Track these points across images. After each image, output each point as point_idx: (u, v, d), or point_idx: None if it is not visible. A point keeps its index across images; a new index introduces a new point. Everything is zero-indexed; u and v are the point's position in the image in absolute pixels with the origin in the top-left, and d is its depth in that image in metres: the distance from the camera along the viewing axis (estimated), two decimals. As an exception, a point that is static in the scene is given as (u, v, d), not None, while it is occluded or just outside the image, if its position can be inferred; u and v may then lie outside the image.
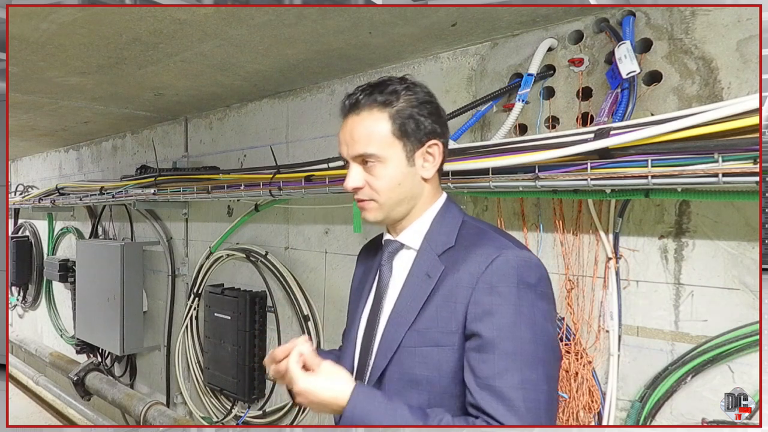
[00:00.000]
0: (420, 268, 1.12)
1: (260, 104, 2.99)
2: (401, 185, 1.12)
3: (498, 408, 0.96)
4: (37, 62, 2.29)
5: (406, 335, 1.08)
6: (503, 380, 0.97)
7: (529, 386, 0.97)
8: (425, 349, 1.06)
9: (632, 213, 1.68)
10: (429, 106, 1.13)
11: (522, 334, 0.99)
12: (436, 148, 1.14)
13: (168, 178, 3.17)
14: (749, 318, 1.48)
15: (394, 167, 1.11)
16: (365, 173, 1.13)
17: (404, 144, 1.11)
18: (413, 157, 1.12)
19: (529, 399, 0.96)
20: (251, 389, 2.94)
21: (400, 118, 1.10)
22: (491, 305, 1.01)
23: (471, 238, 1.11)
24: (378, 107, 1.11)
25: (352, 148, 1.12)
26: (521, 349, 0.98)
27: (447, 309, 1.05)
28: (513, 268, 1.03)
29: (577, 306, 1.78)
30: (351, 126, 1.13)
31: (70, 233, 4.97)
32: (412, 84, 1.14)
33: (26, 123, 3.73)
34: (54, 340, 5.30)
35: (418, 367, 1.07)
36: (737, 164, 1.24)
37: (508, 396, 0.96)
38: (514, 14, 1.77)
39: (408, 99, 1.11)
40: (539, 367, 0.99)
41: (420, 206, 1.17)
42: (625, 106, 1.57)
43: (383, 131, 1.10)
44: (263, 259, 2.92)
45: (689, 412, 1.58)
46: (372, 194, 1.13)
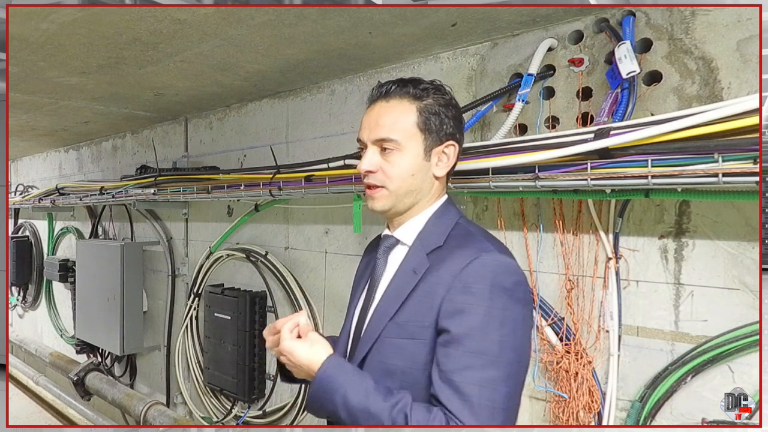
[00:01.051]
0: (408, 264, 1.17)
1: (260, 104, 2.99)
2: (414, 176, 1.16)
3: (454, 401, 1.00)
4: (37, 62, 2.29)
5: (387, 326, 1.13)
6: (463, 376, 1.01)
7: (488, 385, 1.00)
8: (402, 341, 1.11)
9: (632, 213, 1.68)
10: (454, 110, 1.20)
11: (489, 335, 1.02)
12: (452, 149, 1.20)
13: (168, 178, 3.17)
14: (749, 318, 1.48)
15: (411, 157, 1.16)
16: (381, 159, 1.17)
17: (425, 138, 1.16)
18: (430, 152, 1.17)
19: (485, 396, 0.99)
20: (251, 389, 2.94)
21: (426, 112, 1.16)
22: (463, 304, 1.05)
23: (458, 240, 1.15)
24: (409, 99, 1.17)
25: (375, 131, 1.17)
26: (486, 348, 1.02)
27: (425, 304, 1.10)
28: (489, 271, 1.06)
29: (577, 306, 1.78)
30: (378, 111, 1.18)
31: (70, 233, 4.97)
32: (442, 86, 1.21)
33: (26, 123, 3.73)
34: (54, 340, 5.30)
35: (394, 358, 1.12)
36: (737, 164, 1.25)
37: (464, 391, 1.00)
38: (514, 14, 1.77)
39: (436, 98, 1.18)
40: (501, 368, 1.02)
41: (421, 204, 1.21)
42: (625, 106, 1.57)
43: (409, 121, 1.16)
44: (263, 259, 2.92)
45: (689, 412, 1.58)
46: (384, 180, 1.17)
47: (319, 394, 1.09)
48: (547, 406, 1.86)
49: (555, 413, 1.82)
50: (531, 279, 1.88)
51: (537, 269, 1.88)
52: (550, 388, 1.84)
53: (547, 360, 1.83)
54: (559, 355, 1.80)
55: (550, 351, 1.83)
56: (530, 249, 1.90)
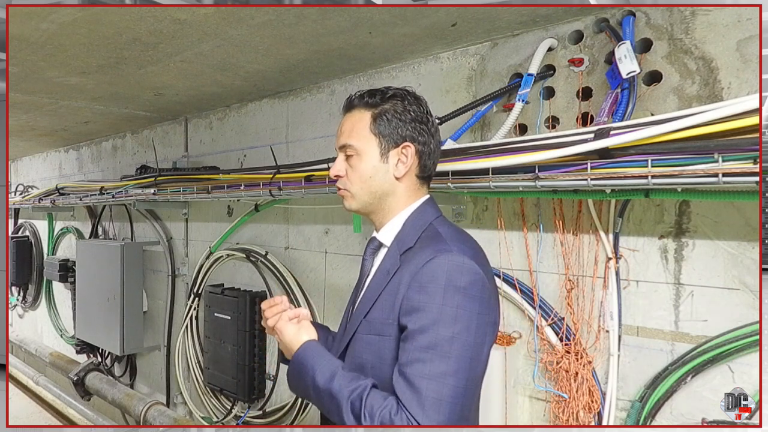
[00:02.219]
0: (384, 265, 1.24)
1: (260, 104, 2.99)
2: (372, 178, 1.24)
3: (405, 393, 1.06)
4: (37, 62, 2.29)
5: (360, 324, 1.22)
6: (413, 369, 1.07)
7: (436, 378, 1.05)
8: (371, 337, 1.19)
9: (632, 213, 1.68)
10: (413, 114, 1.25)
11: (440, 331, 1.07)
12: (409, 149, 1.25)
13: (168, 178, 3.17)
14: (749, 318, 1.48)
15: (367, 161, 1.24)
16: (347, 164, 1.27)
17: (379, 141, 1.24)
18: (387, 155, 1.24)
19: (431, 389, 1.04)
20: (251, 389, 2.94)
21: (380, 118, 1.24)
22: (418, 302, 1.11)
23: (425, 241, 1.20)
24: (365, 107, 1.26)
25: (339, 139, 1.29)
26: (436, 344, 1.07)
27: (389, 302, 1.17)
28: (443, 271, 1.11)
29: (577, 306, 1.78)
30: (343, 121, 1.30)
31: (70, 233, 4.97)
32: (406, 93, 1.27)
33: (26, 123, 3.73)
34: (54, 340, 5.30)
35: (364, 353, 1.20)
36: (737, 164, 1.24)
37: (414, 383, 1.06)
38: (514, 14, 1.77)
39: (393, 104, 1.25)
40: (451, 363, 1.06)
41: (395, 206, 1.27)
42: (625, 106, 1.57)
43: (364, 127, 1.25)
44: (263, 259, 2.92)
45: (689, 412, 1.58)
46: (346, 183, 1.27)
47: (293, 372, 1.21)
48: (547, 406, 1.86)
49: (555, 413, 1.82)
50: (531, 279, 1.88)
51: (537, 269, 1.88)
52: (550, 388, 1.84)
53: (547, 360, 1.83)
54: (559, 355, 1.80)
55: (550, 351, 1.83)
56: (530, 249, 1.90)
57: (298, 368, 1.20)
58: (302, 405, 2.74)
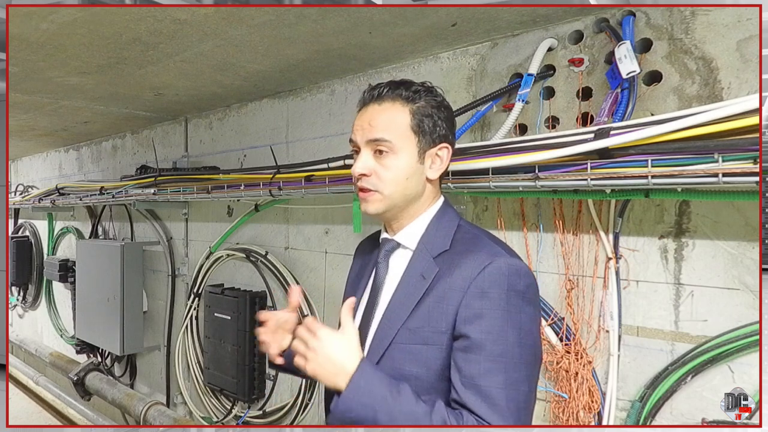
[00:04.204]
0: (415, 269, 1.16)
1: (260, 104, 2.99)
2: (408, 180, 1.15)
3: (481, 406, 1.01)
4: (37, 62, 2.29)
5: (399, 332, 1.12)
6: (488, 380, 1.02)
7: (512, 386, 1.02)
8: (415, 347, 1.10)
9: (632, 213, 1.68)
10: (446, 112, 1.20)
11: (508, 338, 1.04)
12: (445, 151, 1.20)
13: (168, 178, 3.17)
14: (749, 318, 1.48)
15: (405, 160, 1.15)
16: (375, 162, 1.15)
17: (419, 140, 1.16)
18: (424, 155, 1.17)
19: (511, 398, 1.02)
20: (251, 389, 2.94)
21: (419, 114, 1.15)
22: (481, 309, 1.05)
23: (466, 243, 1.15)
24: (401, 101, 1.16)
25: (369, 132, 1.15)
26: (507, 351, 1.03)
27: (439, 310, 1.09)
28: (504, 275, 1.07)
29: (577, 306, 1.78)
30: (371, 113, 1.17)
31: (70, 233, 4.97)
32: (433, 88, 1.21)
33: (26, 123, 3.73)
34: (54, 340, 5.30)
35: (407, 364, 1.11)
36: (737, 164, 1.24)
37: (491, 395, 1.01)
38: (514, 14, 1.77)
39: (428, 100, 1.17)
40: (522, 369, 1.04)
41: (418, 207, 1.20)
42: (625, 106, 1.57)
43: (403, 123, 1.15)
44: (263, 259, 2.92)
45: (689, 412, 1.58)
46: (377, 184, 1.15)
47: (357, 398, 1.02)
48: (547, 406, 1.86)
49: (555, 413, 1.82)
50: (531, 279, 1.88)
51: (537, 269, 1.88)
52: (550, 388, 1.84)
53: (547, 360, 1.83)
54: (559, 355, 1.80)
55: (550, 351, 1.83)
56: (530, 249, 1.90)
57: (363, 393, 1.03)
58: (302, 405, 2.73)
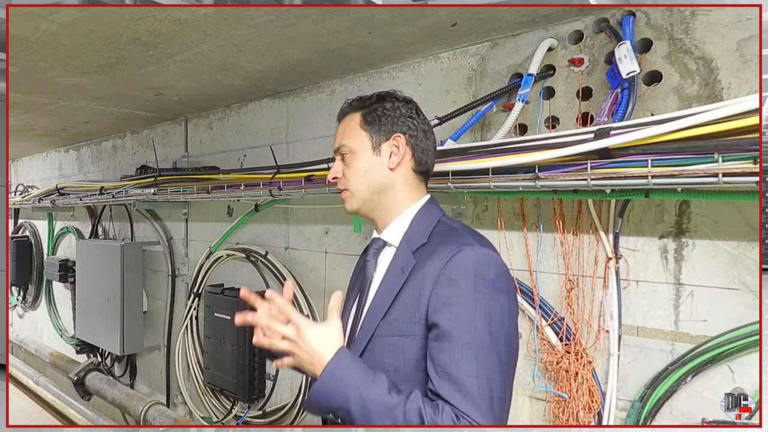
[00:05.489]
0: (397, 264, 1.21)
1: (260, 104, 2.99)
2: (367, 172, 1.26)
3: (455, 396, 1.02)
4: (37, 62, 2.29)
5: (379, 325, 1.17)
6: (459, 368, 1.03)
7: (483, 376, 1.03)
8: (393, 339, 1.15)
9: (632, 213, 1.68)
10: (401, 110, 1.28)
11: (478, 325, 1.05)
12: (399, 140, 1.27)
13: (168, 178, 3.17)
14: (749, 318, 1.48)
15: (361, 156, 1.27)
16: (343, 166, 1.29)
17: (370, 135, 1.27)
18: (379, 148, 1.27)
19: (483, 387, 1.03)
20: (251, 389, 2.94)
21: (370, 113, 1.28)
22: (450, 297, 1.08)
23: (441, 236, 1.19)
24: (356, 110, 1.31)
25: (335, 144, 1.32)
26: (477, 339, 1.05)
27: (412, 300, 1.13)
28: (471, 263, 1.10)
29: (577, 306, 1.78)
30: (338, 129, 1.34)
31: (70, 233, 4.97)
32: (395, 94, 1.31)
33: (26, 123, 3.73)
34: (54, 340, 5.30)
35: (386, 355, 1.15)
36: (737, 164, 1.24)
37: (463, 384, 1.02)
38: (514, 14, 1.77)
39: (381, 101, 1.29)
40: (493, 358, 1.05)
41: (396, 202, 1.27)
42: (625, 106, 1.57)
43: (355, 125, 1.29)
44: (263, 259, 2.92)
45: (689, 412, 1.58)
46: (346, 183, 1.29)
47: (328, 384, 1.05)
48: (547, 406, 1.86)
49: (555, 413, 1.82)
50: (531, 279, 1.88)
51: (537, 269, 1.88)
52: (550, 388, 1.84)
53: (547, 360, 1.83)
54: (559, 355, 1.80)
55: (550, 351, 1.83)
56: (530, 249, 1.90)
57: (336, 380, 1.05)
58: (302, 405, 2.73)
